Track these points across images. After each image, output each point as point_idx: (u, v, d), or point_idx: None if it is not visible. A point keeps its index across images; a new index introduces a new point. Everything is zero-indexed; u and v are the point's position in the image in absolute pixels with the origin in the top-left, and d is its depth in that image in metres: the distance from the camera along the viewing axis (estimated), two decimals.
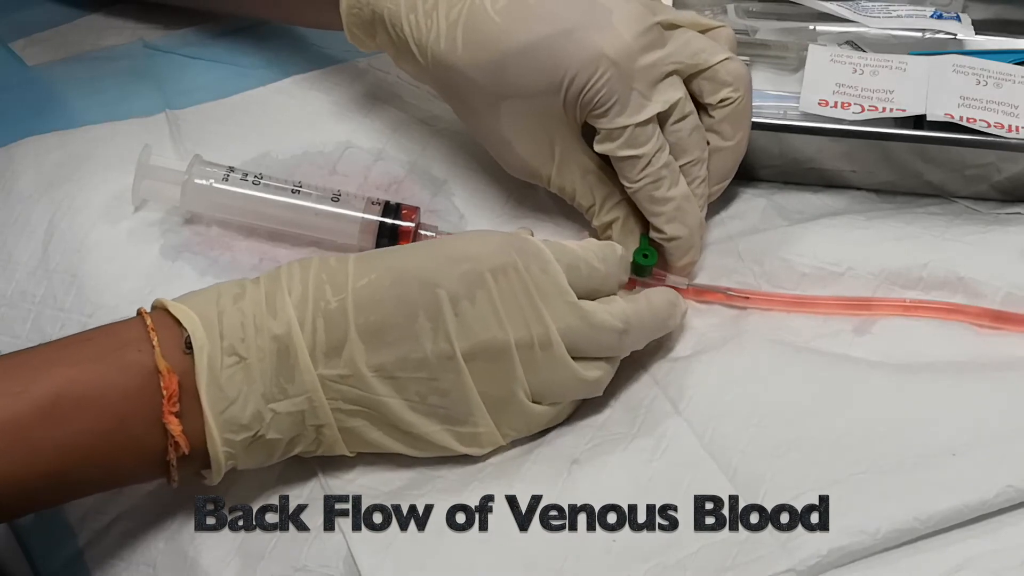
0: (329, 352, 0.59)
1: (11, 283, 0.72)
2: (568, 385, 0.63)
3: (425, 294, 0.59)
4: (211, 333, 0.58)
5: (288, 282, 0.60)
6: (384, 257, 0.61)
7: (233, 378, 0.58)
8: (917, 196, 0.77)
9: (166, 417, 0.57)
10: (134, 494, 0.63)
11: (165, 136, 0.79)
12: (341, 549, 0.60)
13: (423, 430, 0.61)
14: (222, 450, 0.58)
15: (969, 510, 0.59)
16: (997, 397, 0.65)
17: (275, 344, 0.58)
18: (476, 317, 0.59)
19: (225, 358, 0.58)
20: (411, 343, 0.59)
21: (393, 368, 0.59)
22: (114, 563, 0.63)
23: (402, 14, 0.70)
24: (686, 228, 0.70)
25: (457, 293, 0.59)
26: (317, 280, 0.60)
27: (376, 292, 0.59)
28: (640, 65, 0.67)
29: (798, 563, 0.57)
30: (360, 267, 0.60)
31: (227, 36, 0.87)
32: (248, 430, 0.58)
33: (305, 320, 0.59)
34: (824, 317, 0.70)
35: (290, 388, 0.59)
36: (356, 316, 0.59)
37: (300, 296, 0.59)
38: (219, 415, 0.57)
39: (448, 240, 0.63)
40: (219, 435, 0.58)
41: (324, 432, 0.60)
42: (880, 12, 0.82)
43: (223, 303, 0.59)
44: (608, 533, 0.60)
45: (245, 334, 0.58)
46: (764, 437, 0.63)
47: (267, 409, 0.58)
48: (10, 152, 0.78)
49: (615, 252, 0.65)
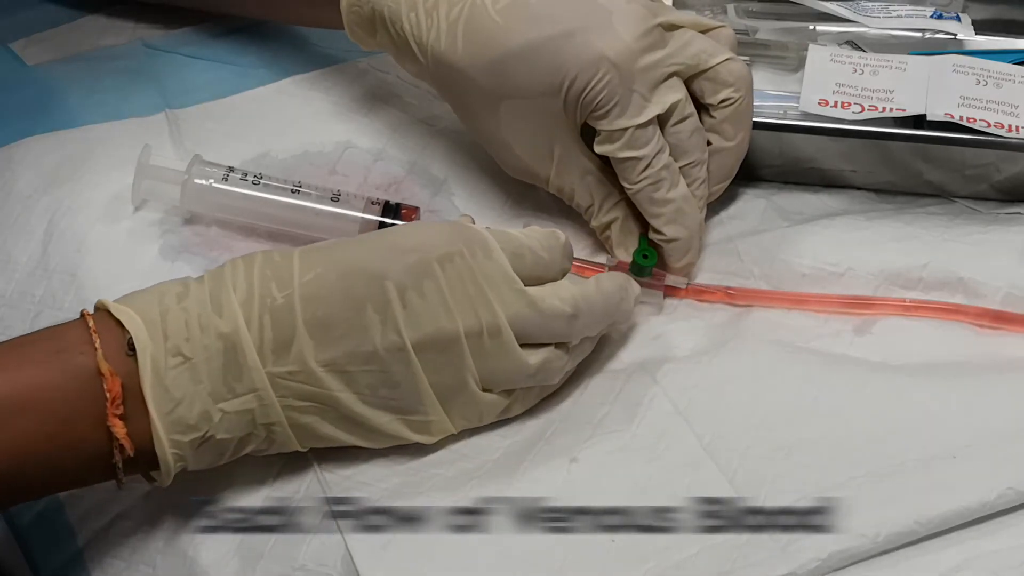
0: (277, 349, 0.58)
1: (11, 283, 0.72)
2: (517, 372, 0.62)
3: (372, 286, 0.58)
4: (154, 334, 0.57)
5: (233, 279, 0.59)
6: (330, 250, 0.60)
7: (179, 379, 0.57)
8: (917, 196, 0.77)
9: (110, 420, 0.56)
10: (134, 494, 0.63)
11: (165, 136, 0.79)
12: (339, 549, 0.60)
13: (375, 422, 0.60)
14: (170, 451, 0.57)
15: (969, 512, 0.59)
16: (997, 398, 0.65)
17: (221, 343, 0.58)
18: (424, 307, 0.59)
19: (170, 359, 0.57)
20: (360, 336, 0.58)
21: (343, 362, 0.59)
22: (114, 563, 0.63)
23: (402, 12, 0.70)
24: (685, 230, 0.70)
25: (404, 284, 0.59)
26: (262, 276, 0.59)
27: (323, 286, 0.58)
28: (640, 67, 0.67)
29: (798, 567, 0.57)
30: (305, 261, 0.59)
31: (227, 36, 0.87)
32: (196, 431, 0.58)
33: (251, 317, 0.58)
34: (824, 317, 0.70)
35: (238, 387, 0.58)
36: (303, 311, 0.58)
37: (245, 293, 0.58)
38: (165, 416, 0.57)
39: (394, 231, 0.62)
40: (166, 436, 0.57)
41: (275, 430, 0.60)
42: (880, 12, 0.82)
43: (167, 302, 0.58)
44: (607, 534, 0.59)
45: (190, 333, 0.57)
46: (764, 438, 0.63)
47: (215, 409, 0.58)
48: (10, 152, 0.78)
49: (558, 240, 0.64)
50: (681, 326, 0.70)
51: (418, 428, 0.62)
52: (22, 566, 0.68)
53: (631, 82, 0.66)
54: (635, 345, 0.69)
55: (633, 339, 0.69)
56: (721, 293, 0.71)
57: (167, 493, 0.63)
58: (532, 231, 0.64)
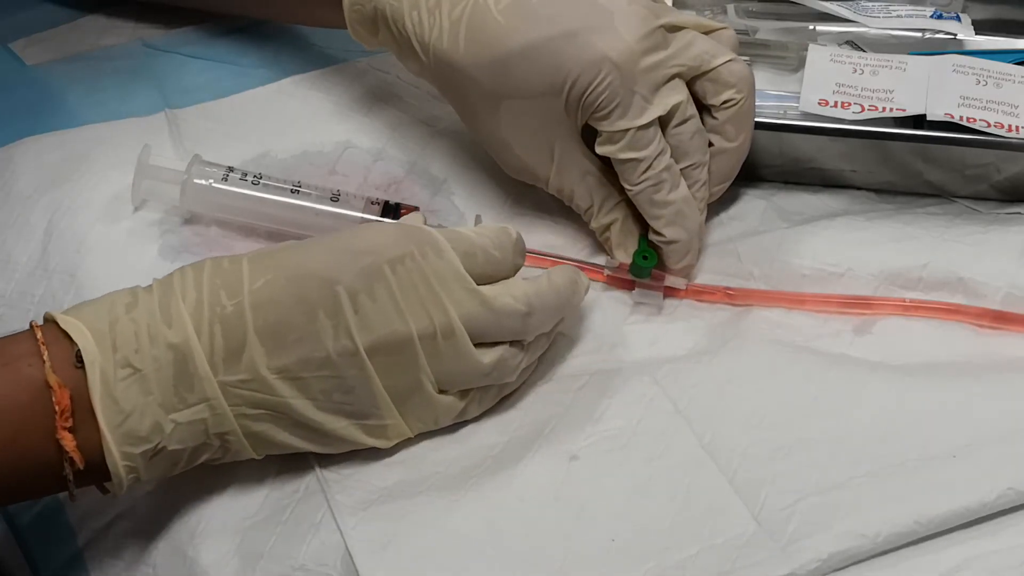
0: (228, 357, 0.58)
1: (10, 283, 0.72)
2: (473, 372, 0.62)
3: (323, 291, 0.58)
4: (103, 345, 0.56)
5: (182, 288, 0.58)
6: (280, 256, 0.60)
7: (128, 390, 0.56)
8: (917, 196, 0.77)
9: (59, 432, 0.55)
10: (134, 494, 0.63)
11: (164, 136, 0.79)
12: (339, 548, 0.60)
13: (330, 427, 0.60)
14: (121, 464, 0.57)
15: (969, 512, 0.59)
16: (997, 398, 0.65)
17: (171, 353, 0.57)
18: (377, 311, 0.59)
19: (119, 370, 0.56)
20: (312, 342, 0.58)
21: (295, 369, 0.58)
22: (114, 563, 0.63)
23: (404, 11, 0.70)
24: (685, 231, 0.70)
25: (356, 288, 0.58)
26: (212, 284, 0.58)
27: (273, 293, 0.58)
28: (642, 68, 0.67)
29: (798, 567, 0.57)
30: (255, 268, 0.59)
31: (227, 36, 0.88)
32: (148, 442, 0.57)
33: (201, 326, 0.57)
34: (824, 317, 0.70)
35: (190, 397, 0.57)
36: (254, 319, 0.58)
37: (195, 302, 0.58)
38: (115, 429, 0.56)
39: (343, 235, 0.61)
40: (117, 449, 0.56)
41: (229, 439, 0.59)
42: (880, 12, 0.82)
43: (115, 313, 0.57)
44: (607, 534, 0.59)
45: (139, 344, 0.57)
46: (764, 438, 0.63)
47: (167, 420, 0.57)
48: (10, 152, 0.78)
49: (510, 236, 0.64)
50: (681, 326, 0.70)
51: (374, 432, 0.61)
52: (22, 566, 0.68)
53: (633, 83, 0.66)
54: (635, 345, 0.69)
55: (633, 339, 0.69)
56: (721, 294, 0.71)
57: (167, 493, 0.63)
58: (483, 229, 0.64)
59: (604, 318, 0.70)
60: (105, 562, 0.64)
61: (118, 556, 0.63)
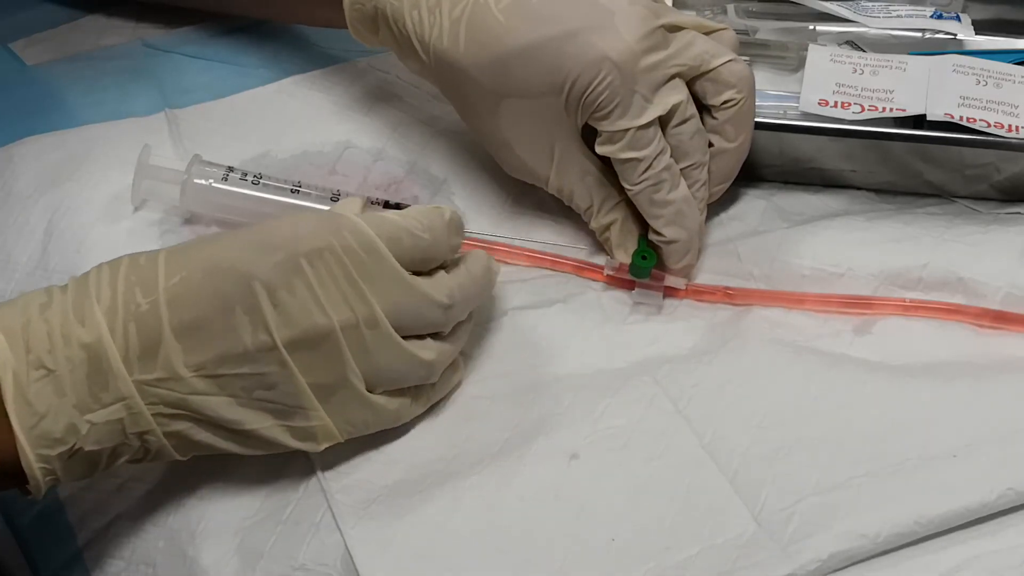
0: (143, 356, 0.57)
1: (10, 283, 0.72)
2: (402, 366, 0.61)
3: (240, 287, 0.57)
4: (15, 346, 0.56)
5: (96, 287, 0.57)
6: (196, 250, 0.59)
7: (42, 392, 0.56)
8: (917, 196, 0.77)
9: None
10: (134, 494, 0.63)
11: (164, 135, 0.79)
12: (339, 547, 0.60)
13: (253, 426, 0.59)
14: (37, 466, 0.56)
15: (969, 513, 0.59)
16: (997, 398, 0.65)
17: (85, 353, 0.56)
18: (295, 305, 0.57)
19: (32, 371, 0.56)
20: (230, 339, 0.57)
21: (213, 366, 0.57)
22: (114, 563, 0.63)
23: (405, 10, 0.70)
24: (685, 231, 0.70)
25: (273, 283, 0.57)
26: (127, 282, 0.57)
27: (189, 289, 0.57)
28: (642, 68, 0.67)
29: (799, 567, 0.57)
30: (171, 264, 0.58)
31: (227, 35, 0.88)
32: (63, 444, 0.56)
33: (116, 326, 0.56)
34: (824, 317, 0.70)
35: (105, 397, 0.56)
36: (170, 317, 0.57)
37: (109, 301, 0.57)
38: (29, 431, 0.55)
39: (262, 227, 0.59)
40: (32, 451, 0.56)
41: (148, 439, 0.58)
42: (880, 12, 0.82)
43: (29, 313, 0.57)
44: (607, 533, 0.59)
45: (52, 345, 0.56)
46: (764, 438, 0.63)
47: (82, 421, 0.56)
48: (9, 152, 0.78)
49: (441, 217, 0.62)
50: (681, 326, 0.70)
51: (301, 435, 0.60)
52: (22, 566, 0.68)
53: (633, 83, 0.66)
54: (635, 345, 0.69)
55: (633, 339, 0.69)
56: (720, 293, 0.71)
57: (167, 493, 0.63)
58: (412, 211, 0.62)
59: (604, 318, 0.70)
60: (105, 562, 0.64)
61: (118, 556, 0.63)
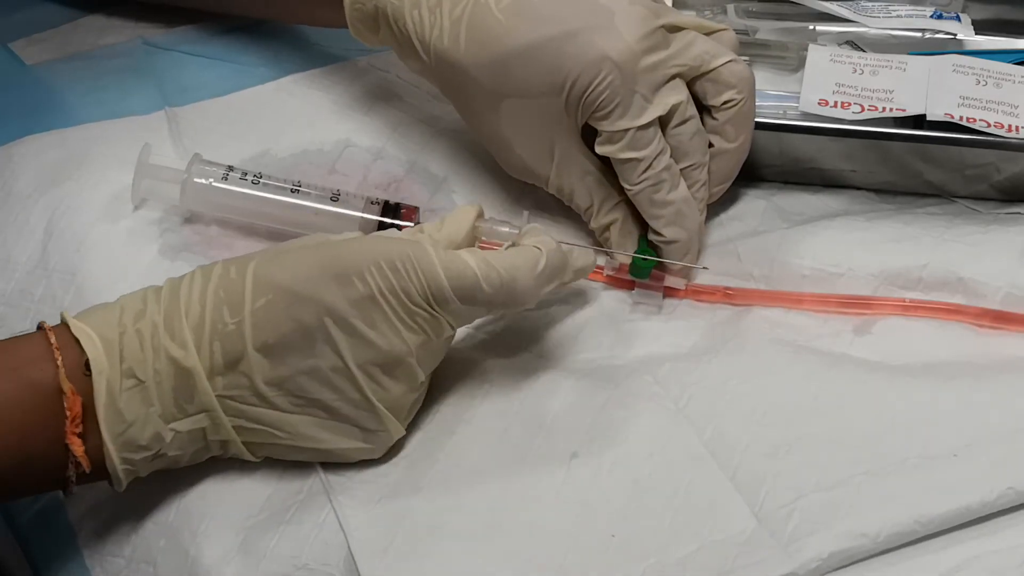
0: (227, 372, 0.59)
1: (10, 282, 0.72)
2: None
3: (319, 318, 0.59)
4: (111, 355, 0.58)
5: (187, 299, 0.59)
6: (280, 270, 0.60)
7: (131, 401, 0.58)
8: (917, 196, 0.77)
9: (69, 438, 0.57)
10: (134, 493, 0.63)
11: (164, 134, 0.79)
12: (341, 547, 0.60)
13: (325, 440, 0.61)
14: (121, 468, 0.59)
15: (969, 512, 0.59)
16: (997, 397, 0.65)
17: (173, 367, 0.58)
18: (375, 335, 0.59)
19: (124, 380, 0.58)
20: (308, 362, 0.59)
21: (291, 385, 0.59)
22: (114, 562, 0.63)
23: (405, 10, 0.70)
24: (685, 231, 0.70)
25: (351, 315, 0.59)
26: (215, 298, 0.59)
27: (272, 314, 0.59)
28: (643, 68, 0.67)
29: (799, 566, 0.57)
30: (259, 285, 0.59)
31: (227, 34, 0.87)
32: (148, 450, 0.59)
33: (202, 342, 0.59)
34: (824, 317, 0.70)
35: (189, 407, 0.59)
36: (253, 338, 0.59)
37: (197, 318, 0.59)
38: (117, 437, 0.58)
39: (342, 254, 0.60)
40: (117, 455, 0.58)
41: (228, 446, 0.61)
42: (880, 12, 0.82)
43: (124, 322, 0.59)
44: (607, 531, 0.60)
45: (144, 356, 0.58)
46: (765, 437, 0.63)
47: (167, 430, 0.59)
48: (9, 151, 0.78)
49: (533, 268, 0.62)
50: (681, 326, 0.70)
51: (370, 440, 0.62)
52: (22, 566, 0.68)
53: (633, 83, 0.66)
54: (635, 344, 0.69)
55: (633, 338, 0.69)
56: (720, 294, 0.71)
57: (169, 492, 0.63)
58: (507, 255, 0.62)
59: (604, 318, 0.70)
60: (106, 561, 0.64)
61: (119, 555, 0.63)
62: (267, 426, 0.60)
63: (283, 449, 0.61)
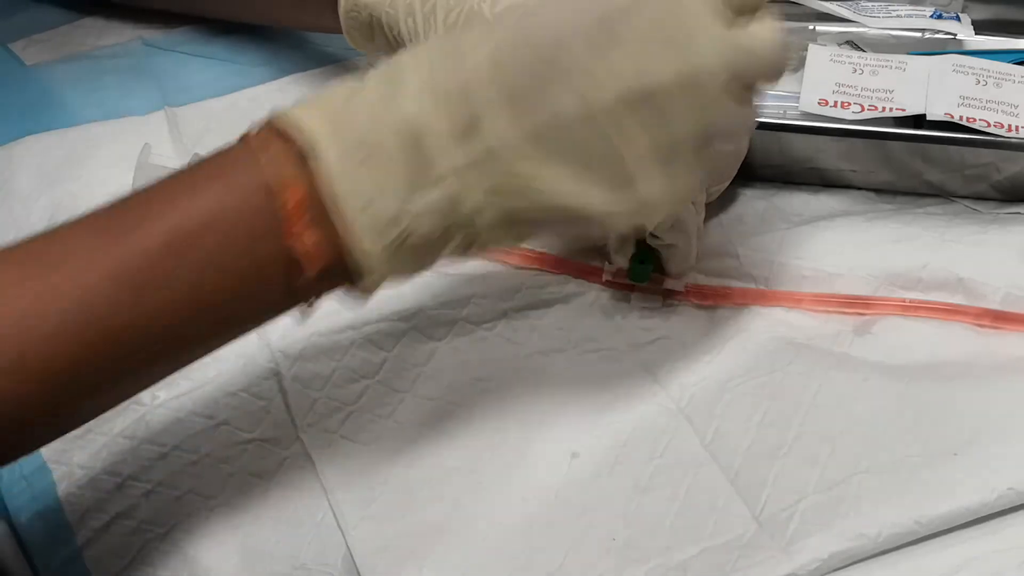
0: (466, 133, 0.52)
1: None
2: (735, 122, 0.57)
3: (559, 52, 0.52)
4: (337, 131, 0.51)
5: (407, 67, 0.53)
6: (507, 16, 0.54)
7: (366, 175, 0.51)
8: (917, 196, 0.77)
9: (295, 230, 0.51)
10: (133, 493, 0.63)
11: (164, 134, 0.79)
12: (340, 547, 0.60)
13: (580, 200, 0.54)
14: (372, 253, 0.52)
15: (970, 512, 0.59)
16: (997, 398, 0.64)
17: (404, 134, 0.51)
18: (623, 61, 0.52)
19: (355, 152, 0.51)
20: (551, 106, 0.52)
21: (535, 138, 0.52)
22: (114, 562, 0.63)
23: (399, 18, 0.70)
24: (684, 234, 0.69)
25: (595, 42, 0.52)
26: (441, 53, 0.53)
27: (504, 58, 0.52)
28: None
29: (799, 567, 0.57)
30: (481, 35, 0.53)
31: (227, 34, 0.87)
32: (396, 225, 0.52)
33: (436, 102, 0.52)
34: (824, 317, 0.70)
35: (429, 176, 0.52)
36: (489, 88, 0.52)
37: (425, 78, 0.52)
38: (361, 213, 0.51)
39: None
40: (366, 237, 0.51)
41: (475, 221, 0.53)
42: (880, 12, 0.82)
43: (343, 96, 0.53)
44: (607, 533, 0.59)
45: (373, 126, 0.52)
46: (765, 437, 0.63)
47: (410, 201, 0.52)
48: (9, 151, 0.78)
49: None
50: (681, 326, 0.70)
51: (631, 205, 0.54)
52: (22, 566, 0.68)
53: None
54: (635, 345, 0.69)
55: (633, 339, 0.69)
56: (720, 294, 0.71)
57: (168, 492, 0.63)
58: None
59: (604, 319, 0.70)
60: (105, 561, 0.63)
61: (118, 555, 0.63)
62: (515, 186, 0.53)
63: (533, 219, 0.54)
